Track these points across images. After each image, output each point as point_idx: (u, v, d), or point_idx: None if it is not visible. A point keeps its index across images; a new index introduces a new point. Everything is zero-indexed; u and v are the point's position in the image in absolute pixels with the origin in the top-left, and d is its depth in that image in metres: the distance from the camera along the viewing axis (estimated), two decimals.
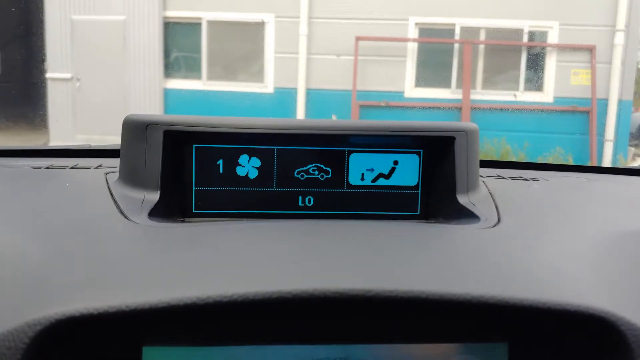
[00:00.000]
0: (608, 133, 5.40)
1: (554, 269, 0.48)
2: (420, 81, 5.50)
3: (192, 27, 5.60)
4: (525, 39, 5.54)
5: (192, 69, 5.69)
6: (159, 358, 0.42)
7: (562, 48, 5.46)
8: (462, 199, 0.65)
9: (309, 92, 5.48)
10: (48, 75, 5.30)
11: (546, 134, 5.37)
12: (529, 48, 5.63)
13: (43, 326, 0.37)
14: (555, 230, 0.58)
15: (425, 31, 5.56)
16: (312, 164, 0.66)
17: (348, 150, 0.66)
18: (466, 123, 0.67)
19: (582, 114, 5.40)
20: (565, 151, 5.20)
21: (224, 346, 0.43)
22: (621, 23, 5.27)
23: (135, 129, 0.63)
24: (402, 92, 5.46)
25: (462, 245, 0.53)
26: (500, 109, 5.37)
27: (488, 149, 4.77)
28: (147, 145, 0.63)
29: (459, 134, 0.65)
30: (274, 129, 0.63)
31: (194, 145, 0.65)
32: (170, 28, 5.63)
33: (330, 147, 0.66)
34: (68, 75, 5.37)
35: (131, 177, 0.64)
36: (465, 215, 0.63)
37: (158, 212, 0.60)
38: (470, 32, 5.53)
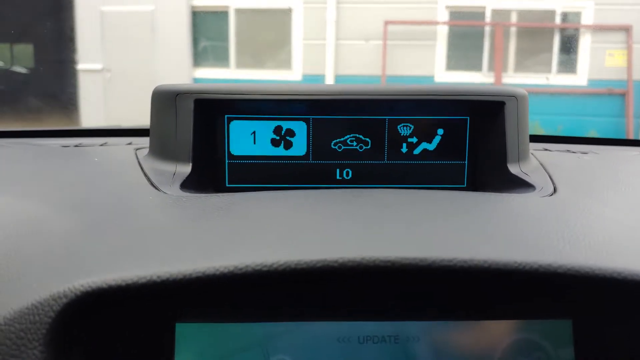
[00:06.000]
0: None
1: (624, 237, 0.44)
2: (451, 65, 5.40)
3: (220, 15, 5.59)
4: (558, 20, 5.41)
5: (220, 57, 5.68)
6: (193, 335, 0.39)
7: (597, 29, 5.32)
8: (513, 169, 0.60)
9: (338, 78, 5.42)
10: (79, 66, 5.33)
11: (580, 116, 5.24)
12: (562, 29, 5.49)
13: (69, 299, 0.34)
14: (616, 200, 0.54)
15: (456, 14, 5.46)
16: (350, 134, 0.62)
17: (389, 119, 0.62)
18: (515, 88, 0.63)
19: (617, 96, 5.26)
20: (600, 134, 5.07)
21: (262, 322, 0.40)
22: None
23: (165, 99, 0.60)
24: (433, 77, 5.37)
25: (521, 213, 0.49)
26: (533, 92, 5.25)
27: None
28: (178, 116, 0.60)
29: (509, 98, 0.61)
30: (309, 94, 0.60)
31: (226, 116, 0.61)
32: (198, 17, 5.63)
33: (370, 115, 0.62)
34: (99, 67, 5.40)
35: (162, 150, 0.61)
36: (519, 184, 0.58)
37: (190, 185, 0.57)
38: (501, 15, 5.41)
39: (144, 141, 0.75)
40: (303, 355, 0.40)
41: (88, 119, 5.13)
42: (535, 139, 0.92)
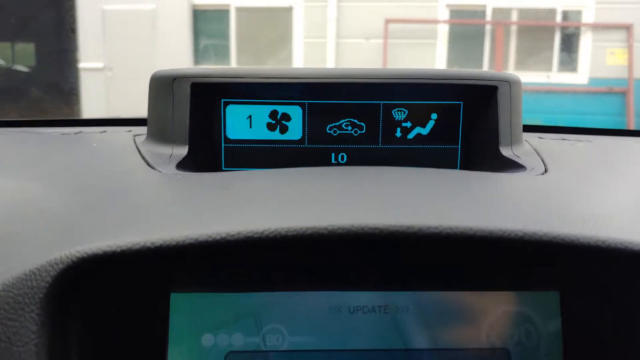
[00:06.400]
0: None
1: (612, 211, 0.45)
2: (452, 63, 5.41)
3: (221, 14, 5.60)
4: (558, 18, 5.42)
5: (221, 55, 5.69)
6: (187, 304, 0.40)
7: (598, 27, 5.32)
8: (505, 152, 0.61)
9: None
10: (80, 65, 5.34)
11: (581, 115, 5.24)
12: (563, 28, 5.50)
13: (65, 265, 0.35)
14: (607, 181, 0.55)
15: (456, 12, 5.47)
16: (345, 119, 0.63)
17: (383, 104, 0.63)
18: (508, 73, 0.64)
19: (618, 94, 5.27)
20: None
21: (255, 292, 0.41)
22: None
23: (162, 83, 0.61)
24: None
25: (510, 188, 0.50)
26: (534, 91, 5.26)
27: None
28: (175, 100, 0.61)
29: (502, 83, 0.62)
30: (305, 77, 0.61)
31: (222, 100, 0.62)
32: (199, 16, 5.64)
33: (364, 100, 0.63)
34: (100, 65, 5.41)
35: (159, 133, 0.62)
36: (510, 166, 0.60)
37: (186, 167, 0.58)
38: (502, 13, 5.42)
39: (143, 130, 0.76)
40: (295, 324, 0.41)
41: (90, 115, 5.14)
42: (530, 128, 0.93)
